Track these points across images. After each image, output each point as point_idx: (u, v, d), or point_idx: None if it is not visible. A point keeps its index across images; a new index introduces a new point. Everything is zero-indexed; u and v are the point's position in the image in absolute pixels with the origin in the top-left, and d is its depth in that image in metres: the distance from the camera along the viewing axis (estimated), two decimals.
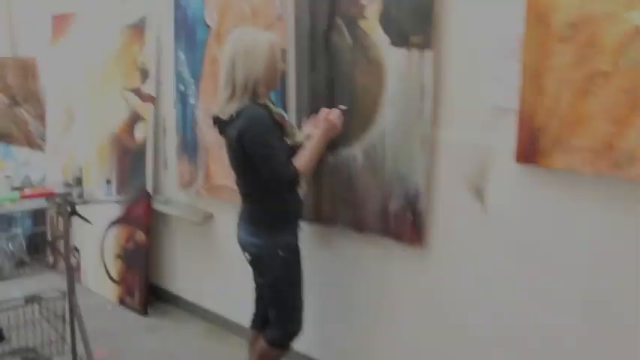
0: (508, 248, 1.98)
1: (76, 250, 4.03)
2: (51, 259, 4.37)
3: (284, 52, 2.48)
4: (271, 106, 2.10)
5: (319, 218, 2.52)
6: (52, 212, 4.28)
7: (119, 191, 3.57)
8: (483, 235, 2.04)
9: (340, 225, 2.44)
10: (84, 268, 3.98)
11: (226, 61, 2.03)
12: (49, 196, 2.32)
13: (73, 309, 2.47)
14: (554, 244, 1.86)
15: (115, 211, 3.59)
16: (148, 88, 3.27)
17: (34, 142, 4.62)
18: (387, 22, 2.11)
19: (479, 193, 2.03)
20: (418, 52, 2.03)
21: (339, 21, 2.27)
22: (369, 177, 2.28)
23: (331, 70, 2.33)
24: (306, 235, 2.51)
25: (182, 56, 3.02)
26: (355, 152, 2.31)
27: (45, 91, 4.27)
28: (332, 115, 2.16)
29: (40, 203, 2.39)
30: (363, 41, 2.20)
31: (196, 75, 2.95)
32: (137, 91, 3.34)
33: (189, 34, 2.95)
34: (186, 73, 3.01)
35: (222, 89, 2.06)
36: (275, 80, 2.11)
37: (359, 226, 2.37)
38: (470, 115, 2.00)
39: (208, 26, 2.83)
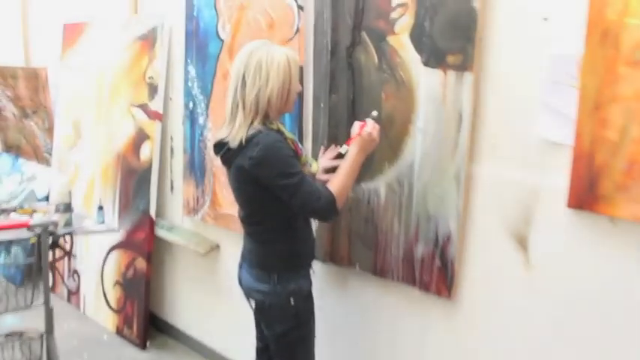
0: (555, 306, 1.66)
1: (76, 273, 3.79)
2: (50, 280, 4.13)
3: (301, 70, 2.21)
4: (284, 129, 1.83)
5: (334, 258, 2.22)
6: None
7: (121, 215, 3.32)
8: (525, 290, 1.72)
9: (357, 267, 2.15)
10: (83, 292, 3.73)
11: (235, 76, 1.76)
12: (23, 227, 2.07)
13: (50, 351, 2.20)
14: (613, 305, 1.54)
15: (115, 234, 3.34)
16: (156, 105, 3.03)
17: (41, 156, 4.43)
18: (419, 38, 1.83)
19: (522, 241, 1.72)
20: (455, 74, 1.75)
21: (365, 36, 1.99)
22: (393, 215, 1.99)
23: (354, 92, 2.05)
24: (319, 275, 2.22)
25: (192, 71, 2.77)
26: (378, 186, 2.02)
27: (54, 103, 4.07)
28: (368, 127, 1.87)
29: (19, 234, 2.14)
30: (392, 60, 1.92)
31: (206, 92, 2.69)
32: (144, 108, 3.10)
33: (201, 47, 2.70)
34: (196, 89, 2.76)
35: (228, 110, 1.79)
36: (290, 102, 1.83)
37: (379, 269, 2.07)
38: (514, 150, 1.70)
39: (221, 40, 2.58)
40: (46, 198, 4.14)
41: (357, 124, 1.91)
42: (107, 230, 2.65)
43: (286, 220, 1.84)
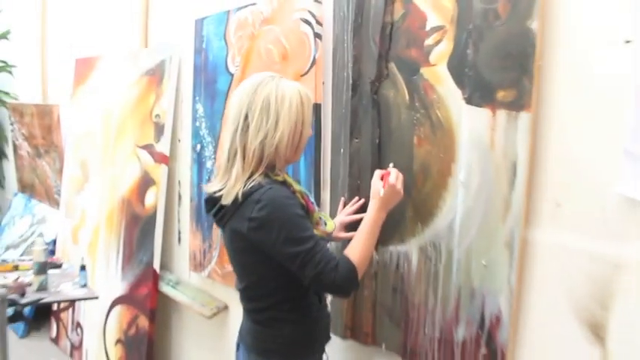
0: None
1: (79, 326, 3.48)
2: (54, 331, 3.83)
3: (318, 108, 1.88)
4: (292, 181, 1.48)
5: (355, 334, 1.83)
6: None
7: (124, 267, 3.00)
8: None
9: (384, 347, 1.75)
10: (85, 347, 3.41)
11: (236, 117, 1.42)
12: None
13: None
14: None
15: (118, 286, 3.03)
16: (162, 147, 2.73)
17: (52, 198, 4.19)
18: (460, 69, 1.47)
19: (597, 330, 1.30)
20: (507, 114, 1.37)
21: (393, 68, 1.65)
22: (427, 286, 1.60)
23: (380, 135, 1.70)
24: (336, 354, 1.83)
25: (200, 109, 2.47)
26: (409, 250, 1.64)
27: (64, 142, 3.83)
28: (392, 177, 1.52)
29: None
30: (426, 96, 1.56)
31: (215, 132, 2.38)
32: (150, 149, 2.81)
33: (209, 82, 2.40)
34: (203, 129, 2.45)
35: (224, 158, 1.45)
36: (300, 150, 1.49)
37: (409, 351, 1.67)
38: (586, 211, 1.30)
39: (231, 74, 2.28)
40: (54, 242, 3.89)
41: (378, 174, 1.56)
42: (86, 297, 2.32)
43: (295, 296, 1.47)
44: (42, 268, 2.13)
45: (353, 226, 1.65)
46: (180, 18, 2.67)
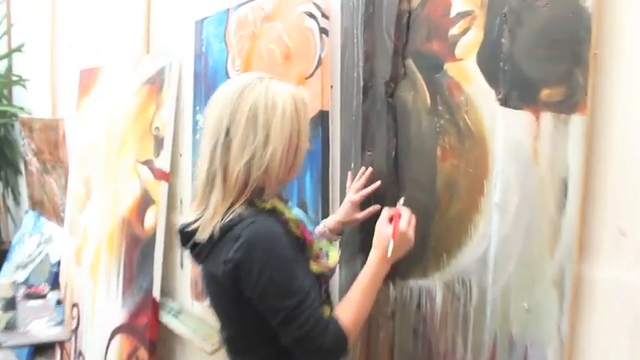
0: None
1: (81, 355, 3.25)
2: (58, 359, 3.61)
3: (325, 117, 1.61)
4: (283, 208, 1.21)
5: None
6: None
7: (125, 293, 2.76)
8: None
9: None
10: None
11: (214, 130, 1.15)
12: None
13: None
14: None
15: (118, 313, 2.79)
16: (162, 162, 2.49)
17: (59, 216, 4.00)
18: (493, 63, 1.18)
19: None
20: (554, 118, 1.08)
21: (412, 65, 1.37)
22: (455, 330, 1.31)
23: (397, 146, 1.42)
24: None
25: (201, 120, 2.23)
26: (432, 285, 1.35)
27: (70, 157, 3.64)
28: (403, 221, 1.23)
29: None
30: (452, 98, 1.28)
31: None
32: (150, 165, 2.57)
33: (210, 90, 2.16)
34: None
35: (200, 182, 1.18)
36: (296, 167, 1.22)
37: None
38: None
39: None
40: (58, 264, 3.69)
41: (386, 215, 1.27)
42: (56, 339, 2.07)
43: (286, 350, 1.19)
44: (10, 304, 1.90)
45: (367, 203, 1.42)
46: (182, 19, 2.44)
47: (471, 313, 1.26)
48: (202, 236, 1.14)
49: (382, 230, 1.23)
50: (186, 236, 1.20)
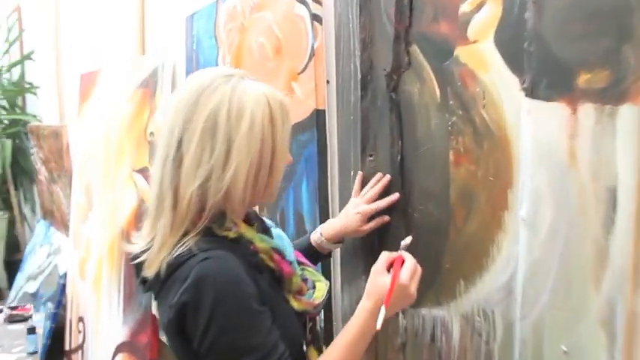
0: None
1: None
2: None
3: (321, 117, 1.39)
4: (253, 235, 0.97)
5: None
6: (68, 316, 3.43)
7: (125, 309, 2.59)
8: None
9: None
10: None
11: (165, 141, 0.93)
12: None
13: None
14: None
15: (120, 330, 2.62)
16: None
17: (67, 226, 3.87)
18: (516, 44, 0.94)
19: None
20: (597, 110, 0.84)
21: (417, 52, 1.14)
22: None
23: (402, 149, 1.19)
24: None
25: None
26: (447, 317, 1.12)
27: (73, 166, 3.50)
28: (405, 272, 0.97)
29: None
30: (465, 90, 1.04)
31: None
32: (144, 173, 2.39)
33: None
34: None
35: (152, 202, 0.96)
36: (272, 187, 0.99)
37: None
38: None
39: None
40: (65, 276, 3.55)
41: (384, 259, 1.00)
42: None
43: None
44: None
45: (378, 215, 1.22)
46: (175, 15, 2.25)
47: (495, 354, 1.03)
48: (149, 273, 0.93)
49: (378, 279, 0.97)
50: (138, 268, 0.99)
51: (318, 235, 1.24)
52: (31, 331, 2.01)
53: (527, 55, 0.93)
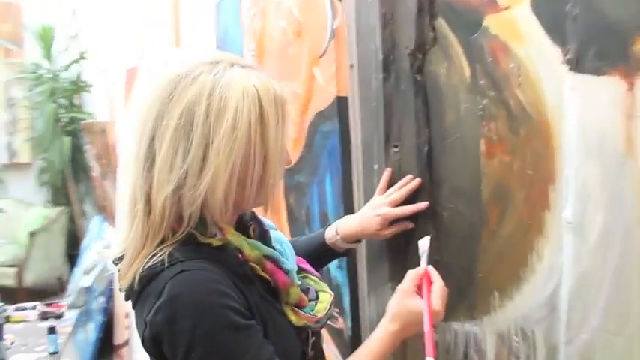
0: None
1: None
2: None
3: (344, 104, 1.25)
4: (241, 242, 0.83)
5: None
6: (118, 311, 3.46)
7: None
8: None
9: None
10: None
11: (137, 139, 0.81)
12: None
13: None
14: None
15: None
16: None
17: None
18: (556, 8, 0.78)
19: None
20: None
21: (443, 26, 0.98)
22: None
23: (430, 137, 1.03)
24: None
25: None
26: (481, 334, 0.96)
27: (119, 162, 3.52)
28: (435, 295, 0.86)
29: None
30: (497, 67, 0.88)
31: None
32: None
33: None
34: None
35: (130, 205, 0.84)
36: (266, 191, 0.83)
37: None
38: None
39: None
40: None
41: (412, 278, 0.88)
42: None
43: None
44: None
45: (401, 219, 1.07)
46: (206, 3, 2.16)
47: None
48: (123, 284, 0.82)
49: (407, 303, 0.86)
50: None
51: (334, 232, 1.09)
52: (52, 330, 1.97)
53: (571, 20, 0.75)
